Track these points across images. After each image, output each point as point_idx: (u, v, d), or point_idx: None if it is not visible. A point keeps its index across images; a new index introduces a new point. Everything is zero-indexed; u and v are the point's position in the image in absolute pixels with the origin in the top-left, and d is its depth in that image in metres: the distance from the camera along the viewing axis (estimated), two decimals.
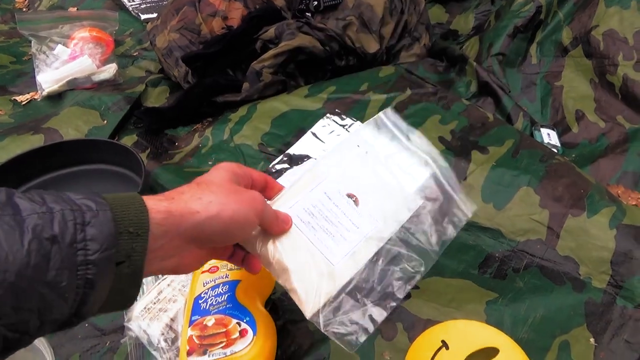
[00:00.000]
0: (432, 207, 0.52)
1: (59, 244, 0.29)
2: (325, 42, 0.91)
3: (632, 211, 0.61)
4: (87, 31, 1.02)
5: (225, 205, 0.38)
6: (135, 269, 0.33)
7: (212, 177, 0.40)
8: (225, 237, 0.39)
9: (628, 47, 0.87)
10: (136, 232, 0.33)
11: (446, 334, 0.48)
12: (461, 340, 0.48)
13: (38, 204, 0.30)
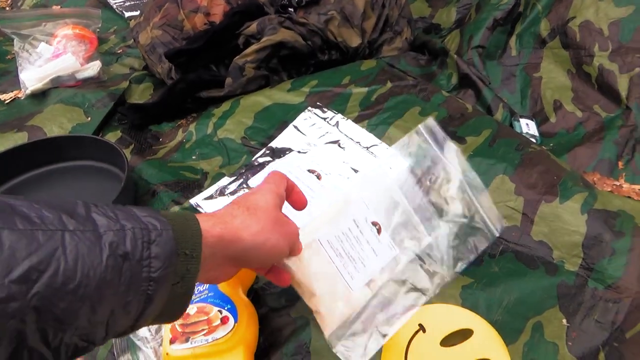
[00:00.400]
0: (455, 229, 0.56)
1: (129, 260, 0.30)
2: (308, 36, 0.92)
3: (604, 196, 0.63)
4: (70, 29, 1.03)
5: (270, 236, 0.40)
6: (187, 289, 0.35)
7: (260, 201, 0.42)
8: (263, 262, 0.43)
9: (603, 38, 0.89)
10: (191, 254, 0.34)
11: (423, 318, 0.50)
12: (437, 323, 0.50)
13: (112, 220, 0.31)
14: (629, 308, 0.54)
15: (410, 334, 0.50)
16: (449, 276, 0.53)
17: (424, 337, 0.49)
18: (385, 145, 0.74)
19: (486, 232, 0.56)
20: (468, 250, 0.55)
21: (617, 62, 0.87)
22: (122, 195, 0.68)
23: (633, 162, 0.78)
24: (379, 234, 0.56)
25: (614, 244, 0.58)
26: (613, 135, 0.82)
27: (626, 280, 0.55)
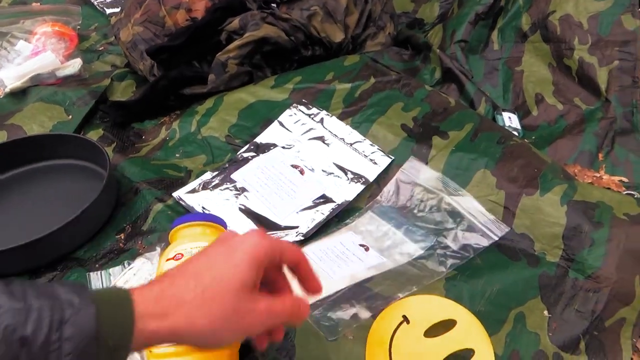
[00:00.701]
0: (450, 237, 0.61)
1: (29, 346, 0.27)
2: (291, 32, 0.91)
3: (583, 187, 0.64)
4: (50, 26, 1.01)
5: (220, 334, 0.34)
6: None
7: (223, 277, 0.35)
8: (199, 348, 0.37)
9: (583, 31, 0.90)
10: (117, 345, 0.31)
11: (407, 310, 0.51)
12: (421, 315, 0.50)
13: (17, 299, 0.28)
14: (608, 297, 0.55)
15: (394, 325, 0.50)
16: (438, 275, 0.55)
17: (408, 329, 0.50)
18: (368, 142, 0.75)
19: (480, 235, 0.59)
20: (462, 252, 0.58)
21: (596, 55, 0.88)
22: (104, 193, 0.67)
23: (613, 154, 0.79)
24: (367, 251, 0.60)
25: (593, 235, 0.59)
26: (593, 127, 0.83)
27: (605, 270, 0.56)
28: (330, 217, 0.67)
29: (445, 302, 0.52)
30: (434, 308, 0.52)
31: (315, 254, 0.62)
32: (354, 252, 0.62)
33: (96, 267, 0.63)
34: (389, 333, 0.50)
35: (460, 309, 0.51)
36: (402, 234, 0.64)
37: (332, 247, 0.63)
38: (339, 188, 0.70)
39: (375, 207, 0.69)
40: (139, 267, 0.59)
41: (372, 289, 0.56)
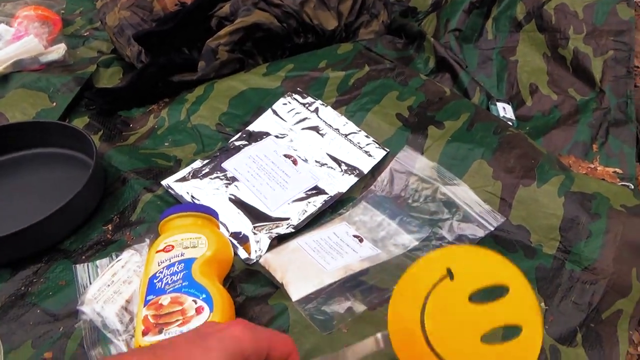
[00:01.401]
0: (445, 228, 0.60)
1: None
2: (283, 18, 0.89)
3: (580, 178, 0.64)
4: (32, 9, 0.98)
5: None
6: None
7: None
8: None
9: (578, 20, 0.89)
10: None
11: (453, 261, 0.41)
12: (469, 272, 0.40)
13: None
14: (605, 289, 0.54)
15: (434, 279, 0.40)
16: None
17: (451, 287, 0.40)
18: (364, 133, 0.73)
19: (476, 226, 0.58)
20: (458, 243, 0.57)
21: (591, 45, 0.88)
22: (90, 183, 0.65)
23: (607, 145, 0.79)
24: (361, 242, 0.58)
25: (590, 226, 0.58)
26: (587, 118, 0.83)
27: (602, 262, 0.56)
28: (323, 209, 0.66)
29: (500, 261, 0.41)
30: (486, 266, 0.41)
31: (309, 244, 0.61)
32: (348, 243, 0.61)
33: (82, 259, 0.61)
34: (427, 287, 0.40)
35: (517, 273, 0.41)
36: (396, 224, 0.63)
37: (326, 237, 0.62)
38: (332, 180, 0.69)
39: (369, 197, 0.68)
40: (127, 259, 0.57)
41: (367, 282, 0.55)
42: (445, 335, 0.39)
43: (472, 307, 0.39)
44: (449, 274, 0.40)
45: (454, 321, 0.39)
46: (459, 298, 0.39)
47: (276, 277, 0.57)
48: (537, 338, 0.39)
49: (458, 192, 0.63)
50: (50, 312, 0.56)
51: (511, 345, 0.38)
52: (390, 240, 0.61)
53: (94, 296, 0.54)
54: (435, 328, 0.39)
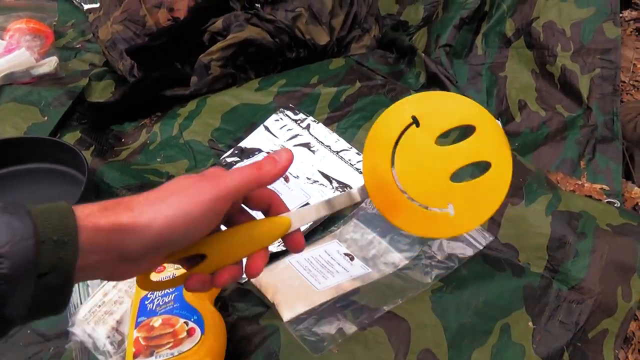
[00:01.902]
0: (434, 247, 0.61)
1: None
2: (275, 34, 0.90)
3: (567, 197, 0.65)
4: (24, 22, 0.98)
5: (158, 212, 0.33)
6: (65, 278, 0.30)
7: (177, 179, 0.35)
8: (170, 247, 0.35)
9: (566, 38, 0.90)
10: (62, 239, 0.30)
11: (417, 109, 0.41)
12: (434, 116, 0.40)
13: None
14: (591, 308, 0.55)
15: (400, 127, 0.40)
16: (424, 287, 0.55)
17: (417, 133, 0.40)
18: (355, 150, 0.74)
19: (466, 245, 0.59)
20: (447, 262, 0.58)
21: (578, 62, 0.89)
22: (82, 199, 0.65)
23: (594, 162, 0.80)
24: (352, 261, 0.59)
25: (577, 246, 0.59)
26: (575, 134, 0.84)
27: (589, 281, 0.57)
28: (314, 226, 0.66)
29: (465, 103, 0.41)
30: (450, 109, 0.41)
31: (300, 263, 0.61)
32: (339, 261, 0.61)
33: None
34: (394, 136, 0.40)
35: (483, 112, 0.41)
36: (386, 242, 0.64)
37: (317, 256, 0.62)
38: (324, 197, 0.69)
39: (360, 214, 0.69)
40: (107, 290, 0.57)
41: (357, 302, 0.55)
42: (414, 178, 0.40)
43: (440, 150, 0.40)
44: (415, 121, 0.40)
45: (423, 164, 0.40)
46: (426, 142, 0.40)
47: (267, 297, 0.57)
48: (506, 173, 0.40)
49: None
50: (40, 332, 0.56)
51: (480, 181, 0.40)
52: (380, 258, 0.62)
53: (84, 317, 0.54)
54: (405, 172, 0.40)
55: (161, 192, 0.35)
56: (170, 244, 0.34)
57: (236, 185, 0.36)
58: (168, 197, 0.34)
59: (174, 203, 0.34)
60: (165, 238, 0.33)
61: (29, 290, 0.29)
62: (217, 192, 0.35)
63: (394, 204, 0.40)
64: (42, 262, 0.29)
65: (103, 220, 0.32)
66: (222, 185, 0.35)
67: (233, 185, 0.36)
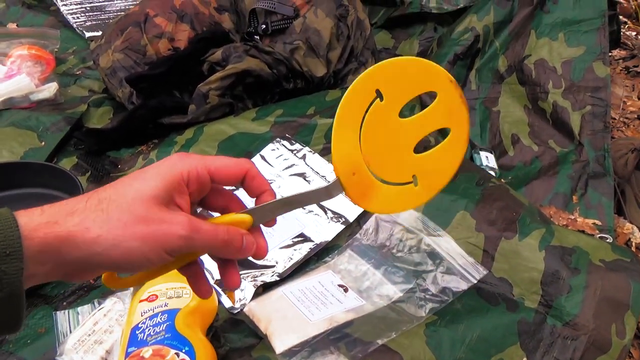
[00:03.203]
0: (429, 280, 0.61)
1: None
2: (273, 65, 0.92)
3: (561, 232, 0.65)
4: (26, 49, 0.99)
5: (120, 241, 0.31)
6: (11, 290, 0.29)
7: (128, 192, 0.33)
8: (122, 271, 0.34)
9: (557, 75, 0.93)
10: (4, 251, 0.28)
11: (380, 81, 0.39)
12: (396, 87, 0.40)
13: None
14: (586, 345, 0.55)
15: (365, 104, 0.39)
16: (417, 320, 0.54)
17: (382, 108, 0.39)
18: None
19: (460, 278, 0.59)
20: (441, 296, 0.58)
21: (569, 99, 0.91)
22: None
23: (586, 197, 0.81)
24: (346, 292, 0.59)
25: (570, 281, 0.59)
26: (567, 169, 0.85)
27: (583, 318, 0.57)
28: (308, 257, 0.66)
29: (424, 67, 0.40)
30: (411, 76, 0.40)
31: (294, 294, 0.61)
32: (333, 293, 0.61)
33: (64, 306, 0.60)
34: (360, 113, 0.39)
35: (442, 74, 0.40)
36: (381, 274, 0.64)
37: (311, 287, 0.62)
38: (318, 227, 0.69)
39: (354, 245, 0.69)
40: (110, 307, 0.56)
41: (351, 334, 0.55)
42: (381, 157, 0.39)
43: (404, 122, 0.40)
44: (378, 95, 0.39)
45: (388, 140, 0.39)
46: (390, 117, 0.39)
47: (260, 328, 0.56)
48: (463, 136, 0.40)
49: (442, 243, 0.64)
50: None
51: (441, 148, 0.40)
52: (374, 290, 0.61)
53: (73, 346, 0.53)
54: (371, 152, 0.39)
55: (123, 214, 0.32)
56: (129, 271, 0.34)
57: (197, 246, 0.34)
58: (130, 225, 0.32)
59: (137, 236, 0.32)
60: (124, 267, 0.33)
61: None
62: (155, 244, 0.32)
63: (365, 189, 0.39)
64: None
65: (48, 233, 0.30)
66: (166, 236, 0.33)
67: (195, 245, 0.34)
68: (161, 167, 0.35)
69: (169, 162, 0.35)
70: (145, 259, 0.32)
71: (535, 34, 0.97)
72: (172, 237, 0.33)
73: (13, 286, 0.29)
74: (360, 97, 0.39)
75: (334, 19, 0.97)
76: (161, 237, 0.32)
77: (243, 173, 0.38)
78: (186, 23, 0.96)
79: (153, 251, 0.32)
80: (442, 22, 1.16)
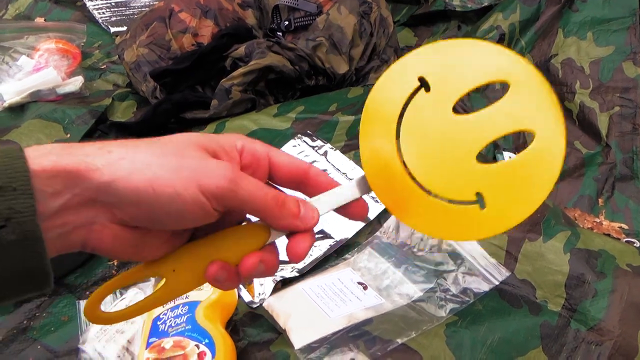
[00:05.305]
0: (450, 280, 0.60)
1: None
2: (295, 61, 0.92)
3: (586, 235, 0.64)
4: (53, 43, 1.01)
5: (144, 167, 0.26)
6: (24, 232, 0.24)
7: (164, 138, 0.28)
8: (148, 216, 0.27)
9: (584, 75, 0.91)
10: (10, 186, 0.24)
11: (425, 67, 0.30)
12: (449, 74, 0.30)
13: None
14: (611, 351, 0.54)
15: (405, 94, 0.30)
16: (438, 320, 0.54)
17: (428, 100, 0.30)
18: None
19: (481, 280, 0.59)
20: (462, 296, 0.57)
21: (597, 100, 0.89)
22: None
23: (613, 200, 0.79)
24: (365, 290, 0.59)
25: (596, 285, 0.58)
26: (593, 171, 0.83)
27: (608, 323, 0.55)
28: (328, 253, 0.66)
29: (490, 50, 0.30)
30: (470, 61, 0.30)
31: (313, 290, 0.61)
32: (352, 290, 0.61)
33: (86, 295, 0.61)
34: (398, 105, 0.31)
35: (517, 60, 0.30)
36: (401, 273, 0.63)
37: (330, 283, 0.62)
38: (339, 224, 0.69)
39: (374, 242, 0.68)
40: (132, 298, 0.57)
41: (370, 332, 0.54)
42: (429, 162, 0.30)
43: (461, 120, 0.30)
44: (423, 83, 0.30)
45: (439, 142, 0.30)
46: (440, 112, 0.30)
47: (279, 323, 0.57)
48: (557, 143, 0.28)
49: (464, 244, 0.63)
50: (50, 348, 0.56)
51: (521, 159, 0.29)
52: (394, 289, 0.61)
53: (95, 335, 0.54)
54: (415, 155, 0.30)
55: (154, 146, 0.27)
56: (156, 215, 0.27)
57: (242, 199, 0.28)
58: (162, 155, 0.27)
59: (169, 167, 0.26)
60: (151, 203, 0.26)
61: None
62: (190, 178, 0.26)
63: (404, 197, 0.31)
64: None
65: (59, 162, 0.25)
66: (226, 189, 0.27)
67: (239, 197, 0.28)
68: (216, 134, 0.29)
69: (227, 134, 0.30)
70: (175, 193, 0.26)
71: (562, 32, 0.95)
72: (212, 177, 0.27)
73: (26, 226, 0.24)
74: (399, 84, 0.30)
75: (357, 16, 0.97)
76: (198, 171, 0.27)
77: (306, 168, 0.33)
78: (210, 18, 0.96)
79: (186, 187, 0.26)
80: (466, 20, 1.14)
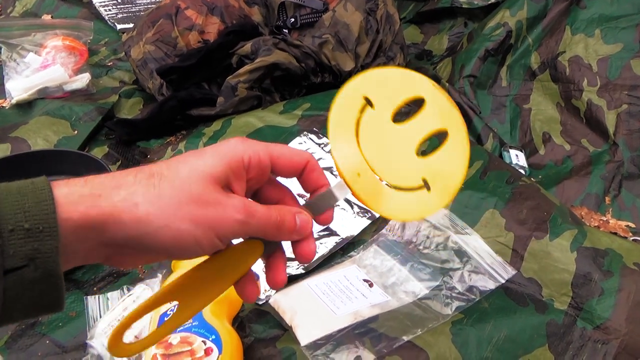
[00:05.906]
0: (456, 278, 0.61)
1: None
2: (301, 58, 0.91)
3: (593, 233, 0.63)
4: (60, 40, 1.01)
5: (172, 221, 0.29)
6: (47, 271, 0.26)
7: (182, 169, 0.30)
8: (168, 256, 0.32)
9: (592, 73, 0.90)
10: (37, 227, 0.25)
11: (366, 89, 0.39)
12: (383, 94, 0.39)
13: None
14: (617, 350, 0.54)
15: (356, 111, 0.39)
16: (444, 318, 0.54)
17: (374, 114, 0.39)
18: None
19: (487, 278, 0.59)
20: (468, 294, 0.57)
21: (605, 98, 0.89)
22: None
23: (620, 198, 0.79)
24: (371, 287, 0.59)
25: (603, 284, 0.58)
26: (600, 170, 0.83)
27: (615, 322, 0.55)
28: (334, 250, 0.66)
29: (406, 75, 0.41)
30: (394, 84, 0.40)
31: (319, 287, 0.61)
32: (358, 287, 0.61)
33: (94, 291, 0.62)
34: (353, 120, 0.39)
35: (425, 81, 0.40)
36: (407, 271, 0.63)
37: (336, 280, 0.62)
38: (344, 221, 0.69)
39: (380, 240, 0.68)
40: (139, 294, 0.57)
41: (376, 330, 0.54)
42: (384, 161, 0.38)
43: (399, 127, 0.39)
44: (367, 102, 0.39)
45: (388, 145, 0.38)
46: (384, 122, 0.39)
47: (285, 319, 0.57)
48: (462, 136, 0.39)
49: (470, 241, 0.63)
50: (59, 343, 0.56)
51: (443, 150, 0.39)
52: (400, 286, 0.61)
53: (103, 330, 0.54)
54: (375, 158, 0.38)
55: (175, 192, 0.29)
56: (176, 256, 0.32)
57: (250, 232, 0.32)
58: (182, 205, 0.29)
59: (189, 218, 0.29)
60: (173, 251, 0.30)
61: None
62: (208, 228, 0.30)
63: (374, 192, 0.38)
64: (8, 253, 0.25)
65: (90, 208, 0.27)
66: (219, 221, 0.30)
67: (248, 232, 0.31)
68: (221, 147, 0.32)
69: (231, 144, 0.32)
70: (196, 243, 0.30)
71: (570, 30, 0.95)
72: (227, 221, 0.30)
73: (48, 266, 0.26)
74: (350, 103, 0.38)
75: (364, 13, 0.96)
76: (216, 220, 0.30)
77: (304, 163, 0.35)
78: (216, 16, 0.96)
79: (205, 235, 0.30)
80: (473, 17, 1.14)
